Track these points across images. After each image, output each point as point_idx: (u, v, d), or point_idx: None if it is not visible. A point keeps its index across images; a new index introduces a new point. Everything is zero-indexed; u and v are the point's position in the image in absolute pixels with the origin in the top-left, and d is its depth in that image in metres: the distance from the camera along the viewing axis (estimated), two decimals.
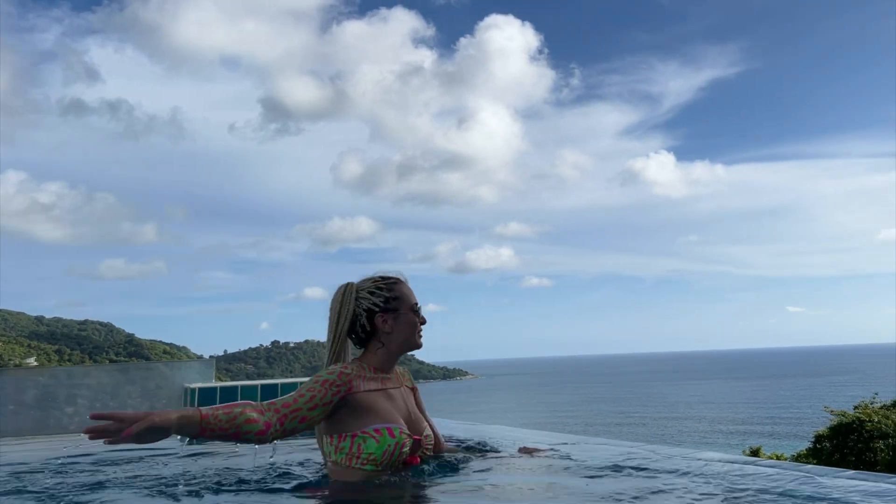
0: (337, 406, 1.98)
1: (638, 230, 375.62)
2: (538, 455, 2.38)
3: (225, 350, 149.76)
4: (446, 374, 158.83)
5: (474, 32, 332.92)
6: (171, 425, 1.72)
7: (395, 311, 2.16)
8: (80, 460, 2.74)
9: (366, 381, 2.06)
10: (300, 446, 2.61)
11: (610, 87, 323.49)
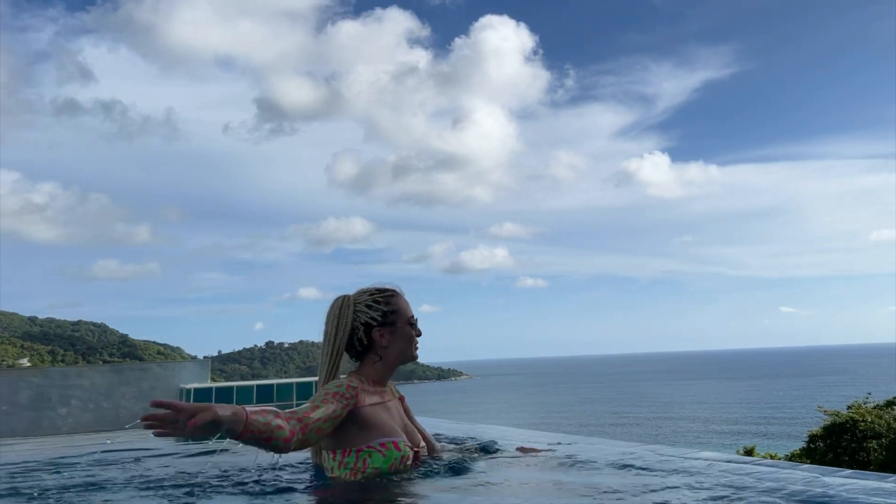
0: (342, 420, 1.95)
1: (632, 231, 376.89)
2: (536, 455, 2.39)
3: (219, 351, 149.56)
4: (441, 375, 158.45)
5: (469, 33, 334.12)
6: (225, 421, 1.61)
7: (393, 324, 2.16)
8: (80, 460, 2.73)
9: (369, 395, 2.06)
10: None
11: (604, 88, 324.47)
